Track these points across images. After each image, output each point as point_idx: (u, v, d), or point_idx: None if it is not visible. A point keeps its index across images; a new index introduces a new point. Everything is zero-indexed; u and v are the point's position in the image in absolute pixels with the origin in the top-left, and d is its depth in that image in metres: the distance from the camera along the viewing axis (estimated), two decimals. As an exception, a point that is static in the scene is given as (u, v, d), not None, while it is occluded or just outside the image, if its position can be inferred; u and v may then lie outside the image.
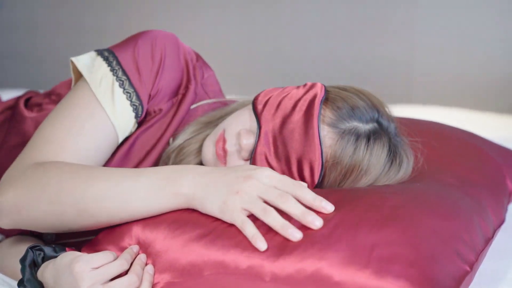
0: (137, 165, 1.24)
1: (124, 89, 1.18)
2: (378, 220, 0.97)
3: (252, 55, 2.60)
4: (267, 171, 0.99)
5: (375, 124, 1.12)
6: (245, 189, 0.97)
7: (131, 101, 1.19)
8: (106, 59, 1.20)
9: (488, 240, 1.07)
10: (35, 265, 1.03)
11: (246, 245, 0.96)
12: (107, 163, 1.22)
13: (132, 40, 1.22)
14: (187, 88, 1.25)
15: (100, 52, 1.21)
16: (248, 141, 1.13)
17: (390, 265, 0.91)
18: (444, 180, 1.17)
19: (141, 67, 1.20)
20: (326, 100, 1.12)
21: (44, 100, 1.36)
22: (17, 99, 1.39)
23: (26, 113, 1.32)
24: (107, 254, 0.98)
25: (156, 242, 1.01)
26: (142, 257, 1.00)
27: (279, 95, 1.15)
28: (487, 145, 1.40)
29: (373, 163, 1.10)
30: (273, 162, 1.11)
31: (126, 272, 0.99)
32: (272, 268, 0.94)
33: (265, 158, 1.12)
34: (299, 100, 1.12)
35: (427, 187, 1.11)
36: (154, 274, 0.99)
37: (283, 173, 1.10)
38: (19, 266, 1.08)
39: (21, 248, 1.19)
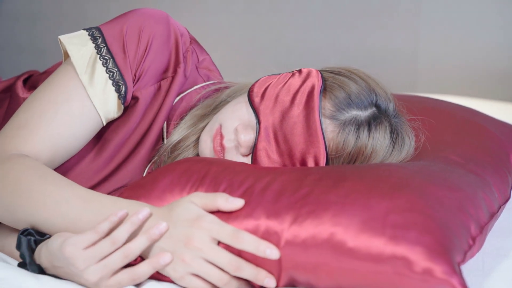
0: (127, 156, 1.21)
1: (107, 68, 1.14)
2: (389, 189, 0.97)
3: (254, 44, 2.59)
4: (207, 226, 0.95)
5: (374, 109, 1.11)
6: (188, 256, 0.95)
7: (113, 80, 1.14)
8: (92, 36, 1.16)
9: (492, 215, 1.06)
10: (31, 249, 1.02)
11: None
12: (101, 149, 1.19)
13: (122, 18, 1.18)
14: (175, 71, 1.21)
15: (88, 30, 1.17)
16: (247, 137, 1.11)
17: (406, 232, 0.91)
18: (448, 157, 1.17)
19: (127, 47, 1.15)
20: (324, 90, 1.11)
21: (42, 78, 1.32)
22: (16, 78, 1.36)
23: (21, 93, 1.29)
24: (95, 231, 0.96)
25: None
26: (131, 222, 0.97)
27: (275, 86, 1.13)
28: (490, 122, 1.40)
29: (376, 148, 1.10)
30: (275, 157, 1.10)
31: None
32: (286, 234, 0.94)
33: (266, 154, 1.10)
34: (297, 92, 1.11)
35: (430, 163, 1.12)
36: None
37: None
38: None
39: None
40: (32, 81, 1.34)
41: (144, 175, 1.22)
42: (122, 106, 1.17)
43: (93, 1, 2.71)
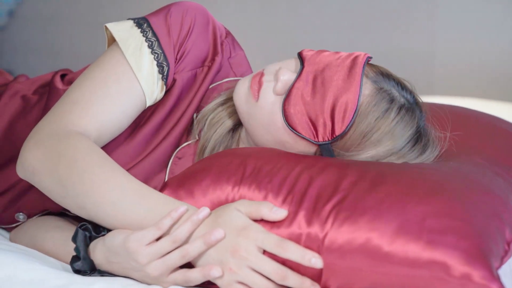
0: (162, 140, 1.23)
1: (152, 49, 1.18)
2: (425, 193, 0.97)
3: (270, 46, 2.60)
4: (254, 236, 0.98)
5: (411, 101, 1.14)
6: (236, 265, 0.97)
7: (158, 61, 1.18)
8: (137, 23, 1.20)
9: None
10: (86, 244, 1.05)
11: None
12: (137, 134, 1.22)
13: (165, 8, 1.23)
14: (213, 60, 1.25)
15: (133, 19, 1.22)
16: (286, 76, 1.13)
17: (443, 236, 0.92)
18: (474, 160, 1.17)
19: (171, 29, 1.20)
20: (369, 63, 1.15)
21: (76, 76, 1.35)
22: (54, 73, 1.39)
23: (61, 86, 1.32)
24: (157, 227, 0.99)
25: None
26: (193, 219, 1.00)
27: (323, 52, 1.16)
28: None
29: (395, 132, 1.11)
30: (308, 97, 1.11)
31: None
32: (325, 240, 0.96)
33: (300, 94, 1.11)
34: (345, 56, 1.14)
35: (461, 165, 1.12)
36: None
37: (315, 113, 1.10)
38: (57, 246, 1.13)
39: (52, 226, 1.21)
40: (68, 78, 1.37)
41: (171, 161, 1.24)
42: (164, 87, 1.20)
43: (108, 4, 2.71)
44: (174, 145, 1.24)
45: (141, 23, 1.20)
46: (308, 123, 1.11)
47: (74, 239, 1.05)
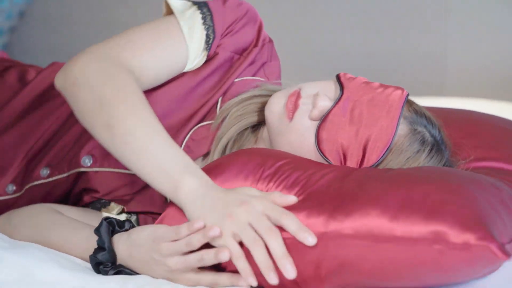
0: (191, 115, 1.26)
1: (204, 21, 1.24)
2: (432, 178, 1.00)
3: (281, 47, 2.58)
4: (263, 200, 0.99)
5: (437, 141, 1.18)
6: (238, 214, 0.98)
7: (207, 32, 1.24)
8: (193, 1, 1.27)
9: None
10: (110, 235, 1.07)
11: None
12: (165, 96, 1.24)
13: None
14: (250, 52, 1.28)
15: None
16: (325, 103, 1.15)
17: (443, 207, 0.93)
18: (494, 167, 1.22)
19: (225, 12, 1.26)
20: (407, 101, 1.19)
21: None
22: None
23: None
24: (176, 232, 1.01)
25: None
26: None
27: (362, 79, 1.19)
28: None
29: None
30: (343, 126, 1.13)
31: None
32: (328, 230, 0.97)
33: (335, 121, 1.13)
34: (385, 90, 1.16)
35: (465, 172, 1.14)
36: None
37: (348, 142, 1.12)
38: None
39: (39, 218, 1.21)
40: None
41: (189, 135, 1.26)
42: (205, 58, 1.25)
43: (122, 5, 2.72)
44: (193, 119, 1.26)
45: (198, 2, 1.27)
46: (339, 151, 1.13)
47: (98, 230, 1.06)
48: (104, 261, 1.05)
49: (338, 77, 1.18)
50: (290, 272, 0.95)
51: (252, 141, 1.25)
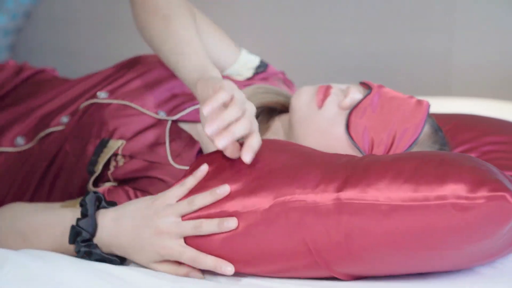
0: None
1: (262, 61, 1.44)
2: (439, 152, 1.03)
3: (285, 48, 2.59)
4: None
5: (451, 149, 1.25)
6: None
7: (259, 63, 1.43)
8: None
9: None
10: (96, 206, 1.06)
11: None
12: None
13: None
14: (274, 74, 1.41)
15: None
16: (356, 95, 1.18)
17: (456, 168, 0.95)
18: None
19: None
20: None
21: None
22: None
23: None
24: (182, 186, 1.02)
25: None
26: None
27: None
28: None
29: None
30: (373, 115, 1.15)
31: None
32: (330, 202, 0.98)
33: (364, 113, 1.15)
34: (409, 96, 1.20)
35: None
36: None
37: (377, 130, 1.15)
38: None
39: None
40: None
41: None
42: (247, 77, 1.42)
43: (127, 6, 2.72)
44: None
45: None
46: (367, 137, 1.14)
47: (83, 200, 1.05)
48: (84, 229, 1.02)
49: (364, 82, 1.21)
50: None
51: (262, 129, 1.26)
